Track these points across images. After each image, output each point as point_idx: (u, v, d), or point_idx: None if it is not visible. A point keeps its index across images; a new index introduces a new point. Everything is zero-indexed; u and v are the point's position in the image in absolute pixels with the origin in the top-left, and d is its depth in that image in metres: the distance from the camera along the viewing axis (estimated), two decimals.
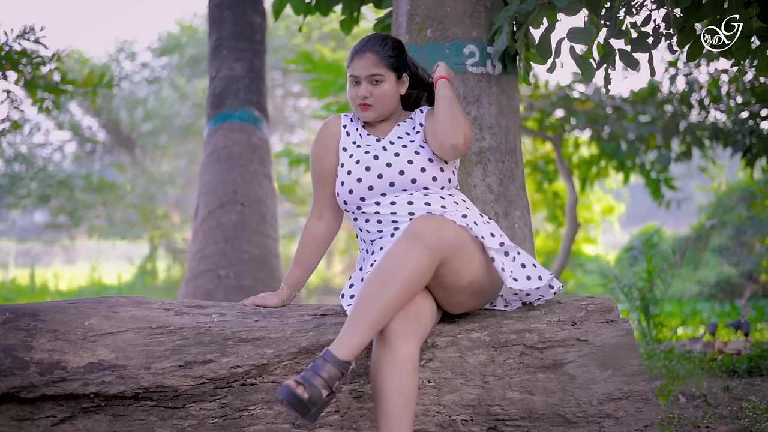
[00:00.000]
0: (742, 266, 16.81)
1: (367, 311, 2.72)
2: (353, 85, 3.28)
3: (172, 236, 17.45)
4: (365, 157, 3.24)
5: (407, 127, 3.35)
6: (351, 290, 3.25)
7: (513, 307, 3.17)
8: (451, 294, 2.96)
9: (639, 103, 9.50)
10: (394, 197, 3.16)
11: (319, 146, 3.38)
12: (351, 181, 3.21)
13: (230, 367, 2.99)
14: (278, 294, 3.32)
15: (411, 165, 3.18)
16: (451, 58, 3.84)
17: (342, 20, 4.90)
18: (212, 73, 6.20)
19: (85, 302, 3.13)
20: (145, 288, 15.22)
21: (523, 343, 3.08)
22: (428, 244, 2.76)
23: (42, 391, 2.92)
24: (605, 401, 3.03)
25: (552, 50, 3.68)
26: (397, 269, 2.75)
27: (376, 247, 3.19)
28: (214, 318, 3.12)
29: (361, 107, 3.28)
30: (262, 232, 5.77)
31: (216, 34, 6.27)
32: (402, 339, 2.77)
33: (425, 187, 3.17)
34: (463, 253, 2.88)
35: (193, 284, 5.58)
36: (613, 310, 3.17)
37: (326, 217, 3.37)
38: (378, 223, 3.18)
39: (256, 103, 6.10)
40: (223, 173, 5.83)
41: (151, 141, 16.20)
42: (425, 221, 2.82)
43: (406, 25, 3.94)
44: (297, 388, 2.62)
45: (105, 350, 2.98)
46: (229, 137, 5.92)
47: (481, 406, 3.03)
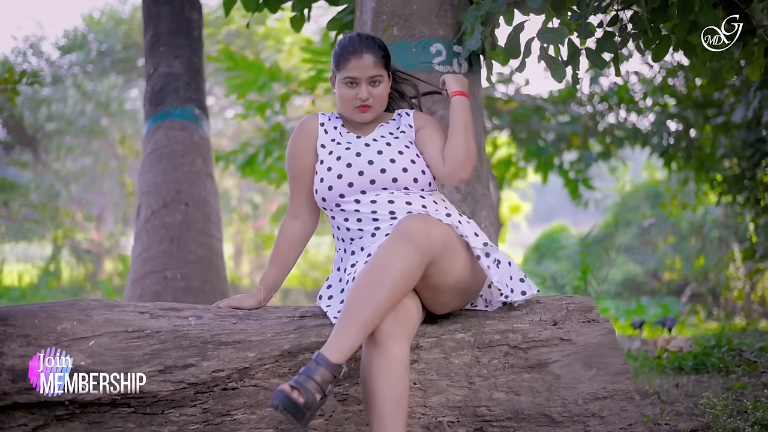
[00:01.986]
0: (646, 264, 17.23)
1: (359, 313, 2.68)
2: (349, 86, 3.21)
3: (75, 236, 17.01)
4: (346, 154, 3.19)
5: (390, 127, 3.32)
6: (329, 291, 3.20)
7: (494, 307, 3.16)
8: (438, 294, 2.93)
9: (560, 104, 9.63)
10: (375, 196, 3.12)
11: (296, 145, 3.31)
12: (331, 177, 3.16)
13: (211, 371, 2.91)
14: (254, 295, 3.24)
15: (393, 164, 3.14)
16: (417, 57, 3.82)
17: (292, 18, 4.82)
18: (149, 70, 6.05)
19: (56, 306, 3.01)
20: (50, 290, 14.77)
21: (507, 343, 3.07)
22: (418, 243, 2.73)
23: (14, 399, 2.79)
24: (590, 400, 3.04)
25: (521, 50, 3.67)
26: (388, 270, 2.71)
27: (356, 246, 3.14)
28: (191, 321, 3.03)
29: (360, 109, 3.23)
30: (207, 232, 5.66)
31: (152, 30, 6.12)
32: (393, 340, 2.74)
33: (405, 188, 3.14)
34: (451, 253, 2.86)
35: (139, 286, 5.43)
36: (593, 310, 3.19)
37: (303, 215, 3.32)
38: (358, 222, 3.13)
39: (196, 100, 5.98)
40: (166, 172, 5.70)
41: (55, 142, 15.79)
42: (413, 221, 2.79)
43: (371, 22, 3.90)
44: (292, 393, 2.56)
45: (80, 355, 2.87)
46: (171, 135, 5.79)
47: (468, 407, 3.01)
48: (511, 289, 3.07)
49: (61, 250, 16.74)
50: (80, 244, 17.20)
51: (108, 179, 17.89)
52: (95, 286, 15.82)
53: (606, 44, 3.69)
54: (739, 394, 4.31)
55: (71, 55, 17.42)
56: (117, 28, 17.65)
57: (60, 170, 16.57)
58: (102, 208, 18.91)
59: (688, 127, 9.28)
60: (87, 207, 18.29)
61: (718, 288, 14.25)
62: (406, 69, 3.78)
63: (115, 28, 17.62)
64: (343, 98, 3.23)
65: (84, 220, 17.75)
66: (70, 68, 17.38)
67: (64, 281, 16.33)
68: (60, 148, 16.08)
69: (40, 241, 16.98)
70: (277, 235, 3.34)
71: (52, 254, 16.57)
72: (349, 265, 3.12)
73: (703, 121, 9.21)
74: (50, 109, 15.47)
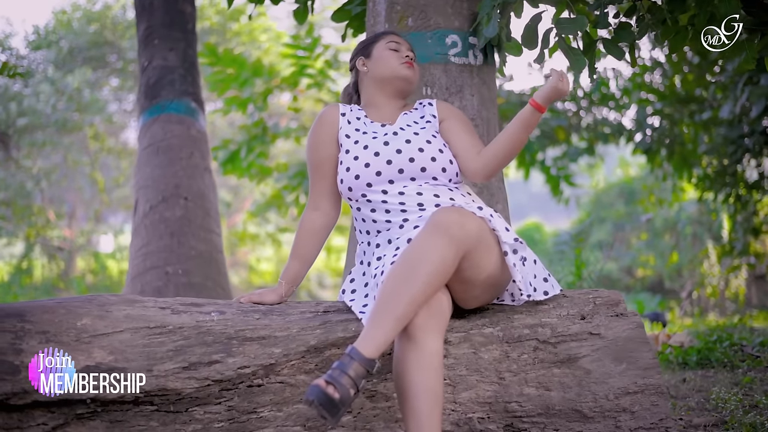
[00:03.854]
0: (621, 261, 17.32)
1: (393, 306, 2.62)
2: (393, 50, 3.28)
3: (47, 234, 16.79)
4: (373, 143, 3.14)
5: (414, 116, 3.27)
6: (352, 285, 3.15)
7: (520, 302, 3.11)
8: (469, 288, 2.88)
9: None
10: (402, 187, 3.07)
11: (317, 135, 3.26)
12: (358, 166, 3.10)
13: (237, 368, 2.84)
14: (276, 290, 3.17)
15: (422, 153, 3.09)
16: (432, 48, 3.76)
17: (295, 10, 4.75)
18: (144, 63, 5.95)
19: (74, 301, 2.92)
20: (23, 288, 14.56)
21: (536, 337, 3.02)
22: (453, 236, 2.67)
23: (34, 397, 2.69)
24: (621, 395, 3.00)
25: (538, 40, 3.63)
26: (423, 262, 2.65)
27: (382, 239, 3.08)
28: (213, 316, 2.96)
29: (407, 63, 3.26)
30: (207, 227, 5.57)
31: (145, 23, 6.02)
32: (427, 334, 2.68)
33: (434, 177, 3.08)
34: (485, 247, 2.80)
35: (139, 281, 5.33)
36: (620, 303, 3.15)
37: (323, 207, 3.26)
38: (386, 213, 3.07)
39: (192, 94, 5.89)
40: (164, 166, 5.61)
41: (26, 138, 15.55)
42: (449, 213, 2.73)
43: (385, 13, 3.83)
44: (327, 388, 2.49)
45: (102, 352, 2.78)
46: (168, 129, 5.69)
47: (498, 402, 2.96)
48: (534, 288, 3.03)
49: (33, 248, 16.51)
50: (52, 241, 16.97)
51: (79, 175, 17.66)
52: (68, 284, 15.62)
53: (623, 34, 3.65)
54: (748, 389, 4.30)
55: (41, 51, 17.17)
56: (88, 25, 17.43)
57: (31, 167, 16.32)
58: (73, 204, 18.68)
59: (672, 123, 9.30)
60: (58, 204, 18.04)
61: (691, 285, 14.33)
62: (421, 61, 3.73)
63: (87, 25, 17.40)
64: (388, 58, 3.28)
65: (56, 218, 17.52)
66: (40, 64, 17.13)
67: (37, 279, 16.10)
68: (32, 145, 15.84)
69: (11, 239, 16.73)
70: (298, 227, 3.27)
71: (24, 252, 16.33)
72: (374, 258, 3.06)
73: (687, 118, 9.24)
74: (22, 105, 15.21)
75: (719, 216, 13.25)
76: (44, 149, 16.32)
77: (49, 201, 17.48)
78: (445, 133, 3.21)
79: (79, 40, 17.00)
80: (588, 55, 3.69)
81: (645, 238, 16.92)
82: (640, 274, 17.32)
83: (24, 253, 16.28)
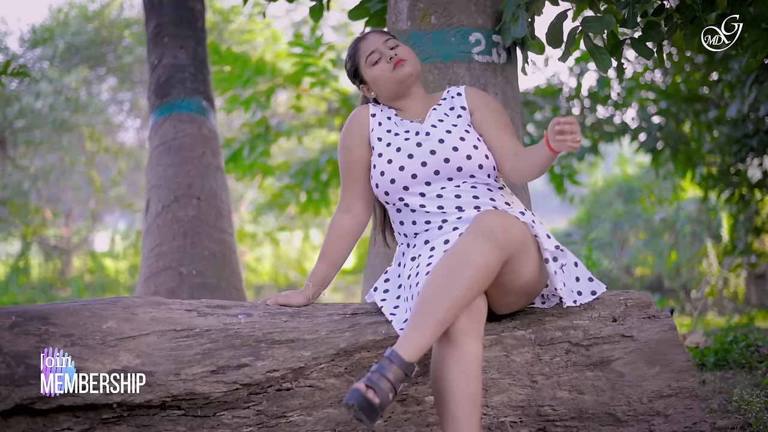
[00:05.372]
0: (619, 260, 17.28)
1: (434, 310, 2.56)
2: (374, 63, 3.19)
3: (45, 233, 16.72)
4: (406, 144, 3.08)
5: (444, 109, 3.21)
6: (386, 285, 3.11)
7: (551, 304, 3.06)
8: (506, 293, 2.83)
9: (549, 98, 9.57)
10: (440, 189, 3.02)
11: (348, 137, 3.22)
12: (392, 170, 3.05)
13: (266, 372, 2.79)
14: (303, 292, 3.13)
15: (456, 152, 3.03)
16: (456, 47, 3.70)
17: (312, 7, 4.69)
18: (153, 62, 5.88)
19: (98, 303, 2.88)
20: (20, 287, 14.51)
21: (568, 340, 2.98)
22: (498, 240, 2.62)
23: (59, 402, 2.64)
24: (655, 399, 2.96)
25: (564, 39, 3.57)
26: (466, 265, 2.60)
27: (420, 240, 3.03)
28: (241, 319, 2.91)
29: (397, 64, 3.15)
30: (220, 227, 5.51)
31: (155, 21, 5.95)
32: (468, 338, 2.63)
33: (471, 175, 3.03)
34: (526, 253, 2.75)
35: (152, 282, 5.26)
36: (652, 305, 3.11)
37: (354, 209, 3.21)
38: (425, 215, 3.03)
39: (203, 92, 5.82)
40: (176, 166, 5.54)
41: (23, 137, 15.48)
42: (493, 216, 2.68)
43: (407, 11, 3.77)
44: (368, 393, 2.44)
45: (128, 356, 2.73)
46: (179, 128, 5.63)
47: (531, 406, 2.91)
48: (579, 292, 2.99)
49: (30, 247, 16.45)
50: (48, 240, 16.90)
51: (76, 175, 17.57)
52: (65, 284, 15.56)
53: (651, 34, 3.59)
54: None
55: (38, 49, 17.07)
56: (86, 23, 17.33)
57: (28, 167, 16.24)
58: (70, 204, 18.59)
59: (678, 122, 9.26)
60: (55, 203, 17.96)
61: (690, 284, 14.31)
62: (444, 59, 3.69)
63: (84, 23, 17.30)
64: (379, 74, 3.19)
65: (53, 217, 17.44)
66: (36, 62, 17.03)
67: (33, 278, 16.03)
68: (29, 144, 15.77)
69: (7, 237, 16.66)
70: (327, 230, 3.23)
71: (21, 251, 16.27)
72: (409, 259, 3.01)
73: (692, 116, 9.21)
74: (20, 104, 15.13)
75: (718, 215, 13.23)
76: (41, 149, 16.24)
77: (46, 200, 17.40)
78: (478, 125, 3.14)
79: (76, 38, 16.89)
80: (615, 56, 3.64)
81: (644, 237, 16.88)
82: (638, 273, 17.27)
83: (21, 252, 16.20)
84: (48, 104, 15.51)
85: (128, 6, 17.86)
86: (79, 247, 17.93)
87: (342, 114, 9.71)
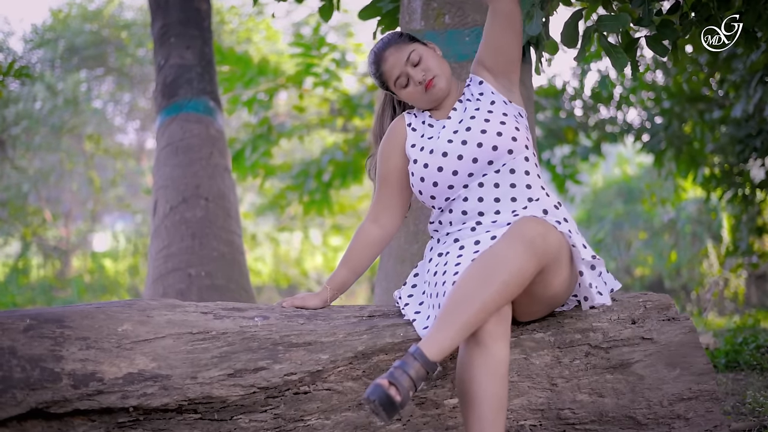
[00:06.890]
0: (619, 260, 17.25)
1: (463, 310, 2.53)
2: (404, 86, 3.13)
3: (44, 234, 16.67)
4: (437, 144, 3.05)
5: (466, 98, 3.18)
6: (414, 279, 3.12)
7: (570, 306, 3.04)
8: (533, 302, 2.81)
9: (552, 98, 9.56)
10: (482, 177, 2.98)
11: (386, 146, 3.21)
12: (431, 173, 3.03)
13: (283, 375, 2.76)
14: (320, 295, 3.10)
15: (485, 134, 2.99)
16: (471, 46, 3.68)
17: (321, 7, 4.65)
18: (160, 62, 5.85)
19: (113, 306, 2.84)
20: (20, 287, 14.46)
21: (588, 343, 2.95)
22: (536, 248, 2.60)
23: (75, 406, 2.61)
24: (675, 402, 2.93)
25: (579, 38, 3.54)
26: (501, 269, 2.57)
27: (450, 238, 3.02)
28: (257, 321, 2.87)
29: (428, 87, 3.10)
30: (228, 228, 5.48)
31: (161, 21, 5.92)
32: (496, 341, 2.60)
33: (509, 151, 2.97)
34: (559, 264, 2.72)
35: (161, 284, 5.23)
36: (671, 307, 3.08)
37: (383, 219, 3.20)
38: (463, 215, 3.00)
39: (210, 92, 5.80)
40: (184, 166, 5.51)
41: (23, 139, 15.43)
42: (534, 224, 2.65)
43: (421, 10, 3.75)
44: (390, 389, 2.41)
45: (144, 359, 2.70)
46: (187, 128, 5.60)
47: (551, 409, 2.89)
48: (599, 292, 2.97)
49: (29, 248, 16.40)
50: (48, 241, 16.85)
51: (75, 176, 17.53)
52: (65, 284, 15.50)
53: (666, 32, 3.56)
54: None
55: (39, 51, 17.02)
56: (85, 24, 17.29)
57: (27, 168, 16.19)
58: (69, 204, 18.53)
59: (681, 122, 9.24)
60: (54, 204, 17.91)
61: (690, 284, 14.29)
62: (459, 59, 3.66)
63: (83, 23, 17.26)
64: (412, 97, 3.15)
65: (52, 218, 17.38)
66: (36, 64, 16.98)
67: (33, 279, 15.98)
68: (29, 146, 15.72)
69: (7, 238, 16.61)
70: (353, 237, 3.21)
71: (21, 252, 16.22)
72: (436, 255, 3.00)
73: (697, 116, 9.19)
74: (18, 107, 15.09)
75: (719, 215, 13.21)
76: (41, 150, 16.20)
77: (45, 201, 17.35)
78: (486, 55, 3.17)
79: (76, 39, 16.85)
80: (630, 54, 3.61)
81: (644, 237, 16.86)
82: (638, 273, 17.24)
83: (20, 252, 16.15)
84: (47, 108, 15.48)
85: (129, 6, 17.83)
86: (79, 248, 17.88)
87: (344, 114, 9.70)
